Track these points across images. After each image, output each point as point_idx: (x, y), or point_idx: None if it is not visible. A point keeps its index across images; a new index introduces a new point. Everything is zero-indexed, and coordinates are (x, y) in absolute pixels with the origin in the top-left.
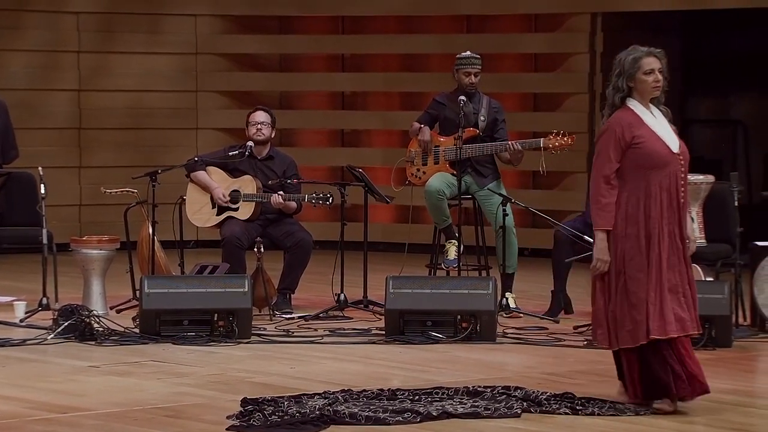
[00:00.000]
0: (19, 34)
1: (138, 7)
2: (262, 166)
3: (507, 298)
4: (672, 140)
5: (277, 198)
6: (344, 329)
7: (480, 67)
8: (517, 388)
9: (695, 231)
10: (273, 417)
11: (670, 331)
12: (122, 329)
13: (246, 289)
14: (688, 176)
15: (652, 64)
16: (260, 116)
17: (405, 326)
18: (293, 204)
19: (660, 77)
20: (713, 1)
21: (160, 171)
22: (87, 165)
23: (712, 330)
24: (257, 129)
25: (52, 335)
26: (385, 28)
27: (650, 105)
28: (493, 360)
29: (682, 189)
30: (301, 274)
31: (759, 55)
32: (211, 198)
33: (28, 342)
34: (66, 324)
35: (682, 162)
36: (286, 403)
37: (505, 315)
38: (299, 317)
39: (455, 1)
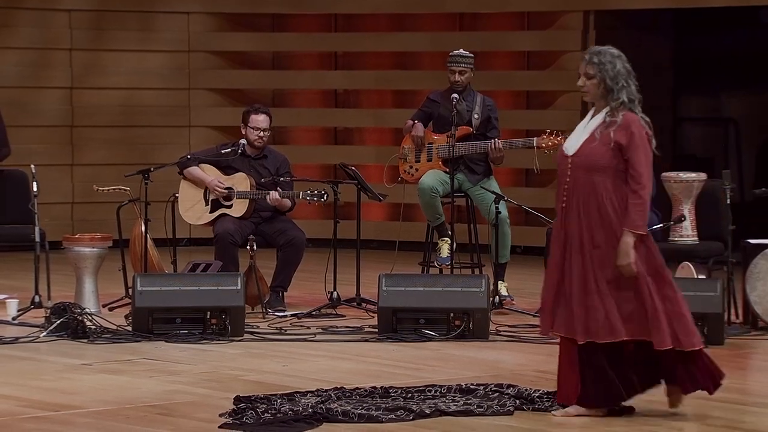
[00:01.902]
0: (10, 31)
1: (130, 4)
2: (255, 164)
3: (499, 287)
4: (575, 143)
5: (273, 195)
6: (337, 327)
7: (469, 66)
8: (509, 385)
9: (687, 229)
10: (266, 415)
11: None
12: (115, 327)
13: (239, 287)
14: (681, 174)
15: (579, 69)
16: (263, 122)
17: (398, 324)
18: (287, 202)
19: (581, 81)
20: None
21: (152, 169)
22: (79, 163)
23: (704, 327)
24: (259, 136)
25: (44, 333)
26: (378, 26)
27: (601, 107)
28: (486, 358)
29: (565, 194)
30: (294, 271)
31: (750, 53)
32: (204, 195)
33: (21, 340)
34: (58, 322)
35: (570, 165)
36: (278, 401)
37: (502, 304)
38: (292, 315)
39: None
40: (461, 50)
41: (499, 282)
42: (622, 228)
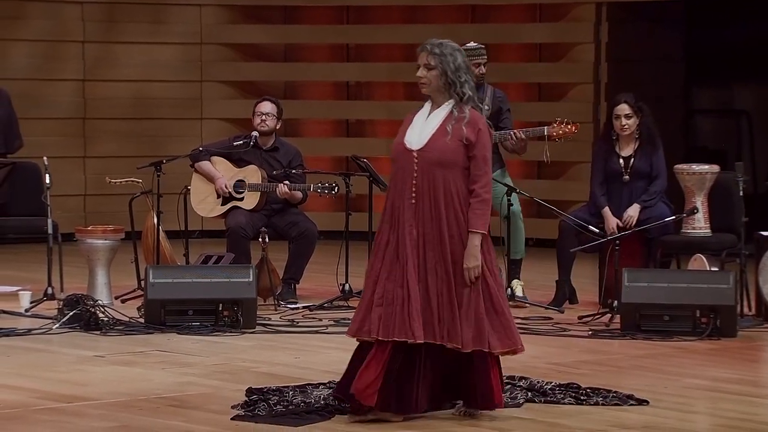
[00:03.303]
0: (23, 23)
1: None
2: (267, 157)
3: (514, 287)
4: (419, 137)
5: (282, 188)
6: (349, 319)
7: (486, 58)
8: (521, 377)
9: (700, 221)
10: (278, 407)
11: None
12: (127, 319)
13: (251, 279)
14: (693, 166)
15: (418, 60)
16: (266, 107)
17: None
18: (299, 194)
19: (420, 71)
20: None
21: (164, 161)
22: (91, 155)
23: (717, 320)
24: (262, 120)
25: (57, 325)
26: (390, 17)
27: (441, 101)
28: None
29: (414, 190)
30: (306, 264)
31: (763, 45)
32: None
33: (34, 332)
34: (71, 314)
35: (417, 160)
36: (291, 392)
37: (514, 297)
38: (304, 307)
39: None
40: (474, 43)
41: (515, 281)
42: (468, 230)
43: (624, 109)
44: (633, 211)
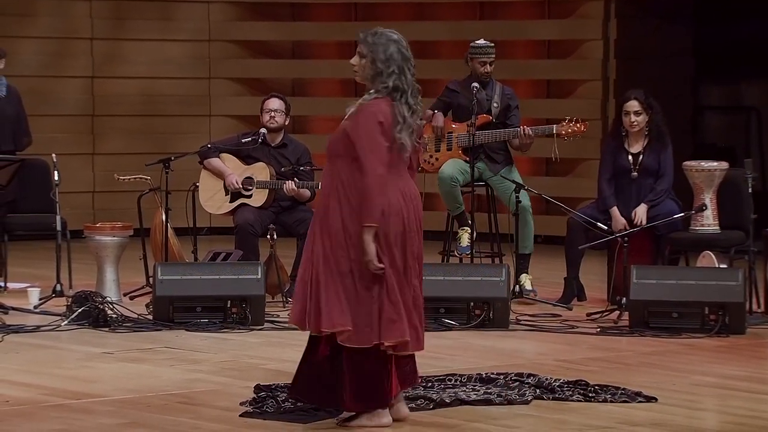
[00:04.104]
0: (31, 21)
1: None
2: (275, 154)
3: (522, 281)
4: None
5: (290, 185)
6: None
7: (494, 56)
8: (530, 375)
9: (709, 218)
10: (286, 404)
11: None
12: (136, 316)
13: (259, 276)
14: (702, 163)
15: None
16: (274, 103)
17: None
18: (307, 192)
19: (354, 59)
20: None
21: (173, 158)
22: (100, 152)
23: (725, 317)
24: (270, 116)
25: (65, 322)
26: (397, 14)
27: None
28: (506, 347)
29: (321, 183)
30: None
31: None
32: (225, 184)
33: (42, 328)
34: (80, 311)
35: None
36: None
37: (524, 296)
38: None
39: None
40: (483, 40)
41: (523, 275)
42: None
43: (633, 105)
44: (642, 211)
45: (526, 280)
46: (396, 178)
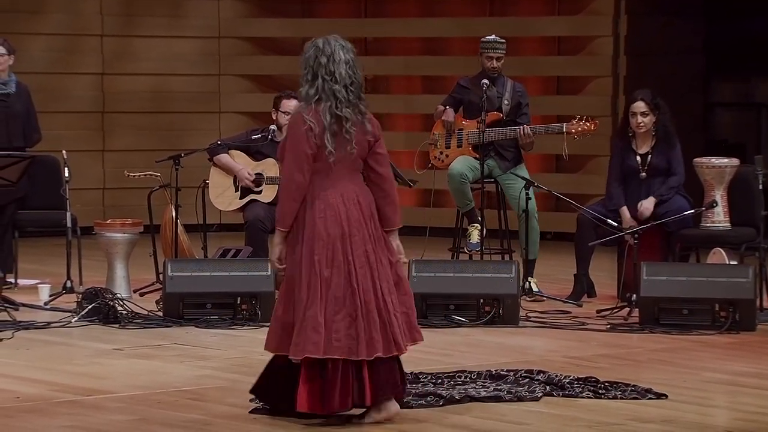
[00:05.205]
0: (41, 17)
1: None
2: None
3: (530, 282)
4: None
5: None
6: None
7: (503, 52)
8: (540, 371)
9: (719, 215)
10: None
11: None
12: (146, 312)
13: (269, 273)
14: (713, 160)
15: None
16: (292, 105)
17: (428, 310)
18: None
19: None
20: None
21: (183, 155)
22: (110, 149)
23: (736, 314)
24: (287, 118)
25: (76, 318)
26: (407, 11)
27: None
28: (516, 344)
29: None
30: None
31: None
32: (234, 181)
33: (53, 325)
34: (90, 307)
35: None
36: None
37: (528, 299)
38: None
39: None
40: (494, 36)
41: (529, 278)
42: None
43: (640, 106)
44: (648, 203)
45: (532, 283)
46: (333, 182)
